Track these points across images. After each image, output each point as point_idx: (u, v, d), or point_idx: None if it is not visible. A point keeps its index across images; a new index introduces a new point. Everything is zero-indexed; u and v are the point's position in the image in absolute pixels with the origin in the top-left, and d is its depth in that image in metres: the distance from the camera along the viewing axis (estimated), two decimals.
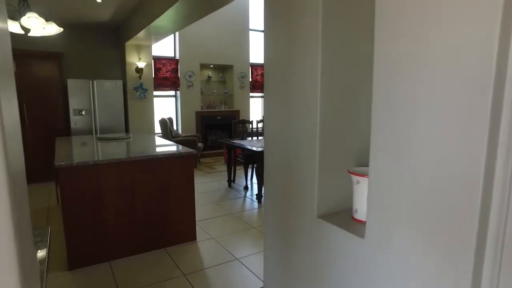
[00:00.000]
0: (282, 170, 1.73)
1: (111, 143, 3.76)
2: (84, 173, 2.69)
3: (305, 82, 1.51)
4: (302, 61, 1.52)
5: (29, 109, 5.37)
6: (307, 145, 1.54)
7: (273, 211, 1.83)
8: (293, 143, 1.64)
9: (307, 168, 1.55)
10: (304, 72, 1.52)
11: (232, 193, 4.90)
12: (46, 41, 5.86)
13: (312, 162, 1.52)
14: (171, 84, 7.22)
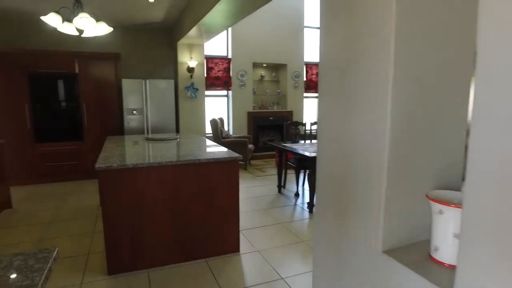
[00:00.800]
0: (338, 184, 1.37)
1: (158, 144, 3.64)
2: (124, 177, 2.54)
3: (371, 80, 1.14)
4: (368, 56, 1.15)
5: (87, 109, 5.55)
6: (371, 157, 1.16)
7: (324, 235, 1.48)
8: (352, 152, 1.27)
9: (371, 186, 1.18)
10: (370, 69, 1.15)
11: (281, 200, 4.57)
12: (104, 43, 6.05)
13: (377, 178, 1.14)
14: (223, 83, 7.09)
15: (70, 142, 5.53)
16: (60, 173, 5.54)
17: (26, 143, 5.32)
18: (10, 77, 5.13)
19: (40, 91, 5.29)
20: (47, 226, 3.68)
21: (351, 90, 1.25)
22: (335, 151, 1.37)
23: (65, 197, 4.77)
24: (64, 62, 5.33)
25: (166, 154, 2.98)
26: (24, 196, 4.82)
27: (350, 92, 1.25)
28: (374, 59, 1.12)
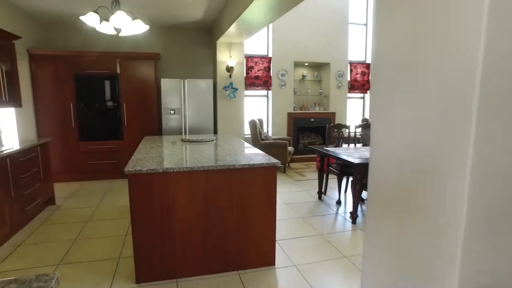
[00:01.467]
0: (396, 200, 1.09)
1: (193, 146, 3.50)
2: (153, 181, 2.41)
3: (451, 76, 0.86)
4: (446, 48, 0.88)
5: (128, 108, 5.60)
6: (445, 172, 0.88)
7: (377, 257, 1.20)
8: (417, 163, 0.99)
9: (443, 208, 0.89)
10: (449, 64, 0.87)
11: (322, 208, 4.25)
12: (144, 43, 6.09)
13: (453, 200, 0.86)
14: (263, 83, 6.89)
15: (111, 141, 5.61)
16: (101, 171, 5.65)
17: (71, 141, 5.48)
18: (58, 78, 5.30)
19: (84, 91, 5.41)
20: (84, 225, 3.68)
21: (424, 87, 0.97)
22: (393, 161, 1.10)
23: (105, 195, 4.82)
24: (106, 63, 5.42)
25: (199, 157, 2.81)
26: (67, 193, 4.94)
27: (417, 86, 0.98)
28: (455, 52, 0.84)
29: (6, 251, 3.14)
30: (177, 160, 2.71)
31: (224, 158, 2.78)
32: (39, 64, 5.23)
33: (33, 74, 5.24)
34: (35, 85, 5.26)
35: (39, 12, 5.09)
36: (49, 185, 4.31)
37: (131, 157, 2.78)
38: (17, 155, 3.47)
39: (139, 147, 3.38)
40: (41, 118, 5.35)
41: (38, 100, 5.30)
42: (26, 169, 3.67)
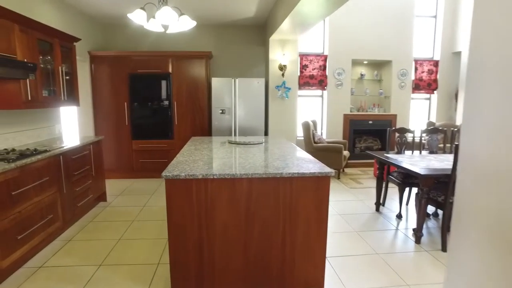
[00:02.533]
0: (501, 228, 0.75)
1: (240, 149, 3.29)
2: (192, 188, 2.22)
3: None
4: None
5: (178, 108, 5.60)
6: None
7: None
8: None
9: None
10: None
11: (380, 221, 3.80)
12: (195, 42, 6.06)
13: None
14: (317, 83, 6.51)
15: (161, 140, 5.65)
16: (152, 170, 5.71)
17: (124, 139, 5.61)
18: (114, 78, 5.46)
19: (138, 90, 5.51)
20: (130, 225, 3.67)
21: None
22: (499, 170, 0.77)
23: (153, 195, 4.83)
24: (159, 63, 5.46)
25: (244, 163, 2.58)
26: (118, 190, 5.05)
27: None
28: None
29: (58, 245, 3.20)
30: (220, 164, 2.51)
31: (272, 164, 2.52)
32: (98, 65, 5.42)
33: (93, 75, 5.45)
34: (94, 85, 5.47)
35: (99, 14, 5.27)
36: (101, 182, 4.40)
37: (172, 160, 2.64)
38: (70, 153, 3.54)
39: (183, 149, 3.25)
40: (99, 116, 5.55)
41: (96, 99, 5.51)
42: (79, 167, 3.74)
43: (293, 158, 2.77)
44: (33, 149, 3.14)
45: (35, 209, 2.92)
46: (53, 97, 3.70)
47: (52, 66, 3.73)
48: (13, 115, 3.51)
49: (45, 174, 3.07)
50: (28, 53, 3.27)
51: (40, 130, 3.98)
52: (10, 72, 2.82)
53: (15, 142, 3.54)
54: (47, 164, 3.11)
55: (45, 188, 3.07)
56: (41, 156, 2.97)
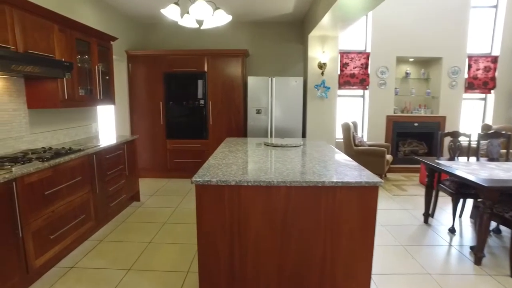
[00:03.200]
0: None
1: (277, 152, 3.08)
2: (224, 195, 2.04)
3: None
4: None
5: (213, 107, 5.48)
6: None
7: None
8: None
9: None
10: None
11: (429, 235, 3.43)
12: (231, 40, 5.91)
13: None
14: (359, 82, 6.13)
15: (196, 140, 5.57)
16: (185, 170, 5.65)
17: (159, 138, 5.59)
18: (150, 77, 5.45)
19: (173, 89, 5.46)
20: (161, 227, 3.58)
21: None
22: None
23: (186, 196, 4.74)
24: (194, 61, 5.37)
25: (281, 168, 2.37)
26: (152, 190, 5.02)
27: None
28: None
29: (90, 245, 3.16)
30: (255, 169, 2.31)
31: (312, 170, 2.28)
32: (135, 64, 5.44)
33: (130, 74, 5.47)
34: (131, 84, 5.49)
35: (136, 13, 5.28)
36: (134, 182, 4.37)
37: (204, 163, 2.48)
38: (104, 152, 3.51)
39: (217, 151, 3.09)
40: (135, 115, 5.57)
41: (132, 98, 5.53)
42: (112, 166, 3.71)
43: (334, 164, 2.51)
44: (68, 148, 3.12)
45: (68, 209, 2.89)
46: (89, 96, 3.69)
47: (89, 65, 3.72)
48: (52, 114, 3.53)
49: (78, 173, 3.03)
50: (66, 53, 3.26)
51: (77, 129, 4.00)
52: (47, 71, 2.80)
53: (53, 141, 3.57)
54: (81, 164, 3.07)
55: (78, 187, 3.03)
56: (75, 155, 2.94)
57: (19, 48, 2.68)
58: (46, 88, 3.13)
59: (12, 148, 3.02)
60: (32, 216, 2.45)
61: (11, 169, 2.30)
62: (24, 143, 3.16)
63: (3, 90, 2.92)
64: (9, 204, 2.24)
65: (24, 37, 2.73)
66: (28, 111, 3.20)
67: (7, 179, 2.18)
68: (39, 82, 3.13)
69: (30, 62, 2.60)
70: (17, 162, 2.48)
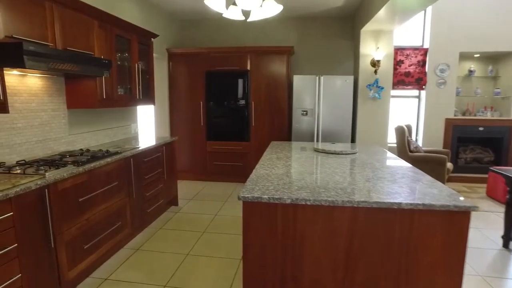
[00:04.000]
0: None
1: (329, 161, 2.71)
2: (277, 214, 1.71)
3: None
4: None
5: (256, 108, 5.18)
6: None
7: None
8: None
9: None
10: None
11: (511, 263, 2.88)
12: (276, 36, 5.58)
13: None
14: (414, 81, 5.56)
15: (237, 142, 5.30)
16: (226, 173, 5.40)
17: (199, 140, 5.38)
18: (190, 76, 5.26)
19: (214, 88, 5.23)
20: (200, 237, 3.32)
21: None
22: None
23: (227, 201, 4.48)
24: (237, 59, 5.10)
25: (341, 181, 2.00)
26: (190, 194, 4.81)
27: None
28: None
29: (125, 254, 2.97)
30: (312, 183, 1.95)
31: (379, 186, 1.89)
32: (176, 62, 5.27)
33: (170, 73, 5.32)
34: (171, 84, 5.34)
35: (177, 10, 5.10)
36: (173, 186, 4.17)
37: (251, 174, 2.16)
38: (142, 155, 3.31)
39: (264, 157, 2.77)
40: (175, 116, 5.40)
41: (173, 98, 5.37)
42: (150, 170, 3.51)
43: (404, 177, 2.09)
44: (105, 151, 2.95)
45: (103, 216, 2.70)
46: (128, 95, 3.52)
47: (128, 63, 3.56)
48: (90, 114, 3.40)
49: (114, 178, 2.84)
50: (105, 50, 3.10)
51: (116, 129, 3.87)
52: (86, 70, 2.63)
53: (92, 141, 3.44)
54: (117, 167, 2.89)
55: (114, 193, 2.84)
56: (111, 159, 2.75)
57: (58, 45, 2.52)
58: (84, 87, 2.98)
59: (51, 149, 2.90)
60: (65, 225, 2.27)
61: (44, 174, 2.13)
62: (63, 145, 3.03)
63: (43, 90, 2.80)
64: (42, 212, 2.06)
65: (63, 34, 2.57)
66: (68, 111, 3.07)
67: (39, 185, 2.00)
68: (78, 81, 2.99)
69: (69, 60, 2.43)
70: (53, 165, 2.31)
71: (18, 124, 2.57)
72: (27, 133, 2.66)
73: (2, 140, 2.43)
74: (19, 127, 2.58)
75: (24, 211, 1.93)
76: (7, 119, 2.47)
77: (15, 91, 2.53)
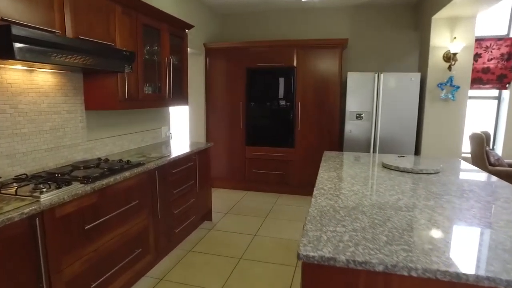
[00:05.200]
0: None
1: (409, 182, 2.01)
2: (358, 284, 1.07)
3: None
4: None
5: (302, 110, 4.53)
6: None
7: None
8: None
9: None
10: None
11: None
12: (327, 27, 4.88)
13: None
14: (495, 79, 4.62)
15: (279, 148, 4.67)
16: (266, 182, 4.81)
17: (237, 144, 4.83)
18: (229, 73, 4.71)
19: (255, 87, 4.65)
20: (237, 265, 2.75)
21: None
22: None
23: (268, 217, 3.88)
24: (282, 54, 4.47)
25: (446, 226, 1.31)
26: (226, 205, 4.26)
27: None
28: None
29: (146, 284, 2.47)
30: (402, 228, 1.29)
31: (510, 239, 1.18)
32: (214, 59, 4.75)
33: (207, 70, 4.81)
34: (208, 82, 4.83)
35: (219, 4, 4.57)
36: (206, 199, 3.64)
37: (311, 208, 1.53)
38: (169, 166, 2.80)
39: (321, 176, 2.12)
40: (211, 118, 4.89)
41: (209, 98, 4.86)
42: (180, 183, 2.99)
43: None
44: (126, 161, 2.46)
45: (118, 244, 2.20)
46: (157, 95, 3.03)
47: (158, 57, 3.07)
48: (114, 116, 2.95)
49: (135, 195, 2.34)
50: (129, 41, 2.61)
51: (144, 133, 3.40)
52: (102, 63, 2.15)
53: (116, 148, 2.98)
54: (138, 183, 2.38)
55: (133, 214, 2.34)
56: (129, 173, 2.24)
57: (67, 32, 2.05)
58: (104, 85, 2.51)
59: (64, 158, 2.45)
60: (65, 260, 1.78)
61: (39, 197, 1.64)
62: (80, 152, 2.59)
63: (56, 88, 2.36)
64: (31, 249, 1.57)
65: (75, 19, 2.10)
66: (85, 113, 2.62)
67: (26, 215, 1.51)
68: (99, 78, 2.52)
69: (80, 51, 1.95)
70: (58, 182, 1.84)
71: (23, 129, 2.14)
72: (35, 140, 2.22)
73: (2, 148, 2.00)
74: (24, 132, 2.14)
75: (4, 249, 1.45)
76: (8, 124, 2.03)
77: (20, 89, 2.10)
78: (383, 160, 2.53)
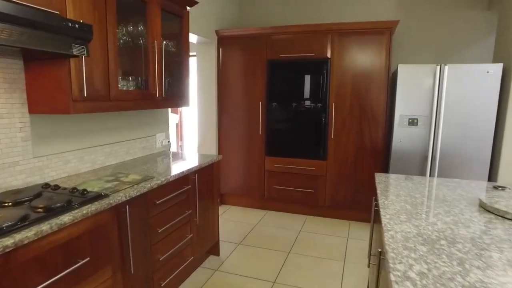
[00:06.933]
0: None
1: None
2: None
3: None
4: None
5: (337, 112, 3.59)
6: None
7: None
8: None
9: None
10: None
11: None
12: (369, 8, 3.91)
13: None
14: None
15: (307, 160, 3.75)
16: (290, 201, 3.90)
17: (255, 154, 3.94)
18: (246, 66, 3.84)
19: (278, 84, 3.75)
20: None
21: None
22: None
23: (292, 249, 2.98)
24: (311, 43, 3.55)
25: None
26: (240, 232, 3.40)
27: None
28: None
29: None
30: None
31: None
32: (227, 49, 3.89)
33: (220, 63, 3.96)
34: (220, 78, 3.98)
35: None
36: (211, 230, 2.79)
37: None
38: (152, 196, 1.95)
39: (390, 230, 1.20)
40: (224, 120, 4.04)
41: (221, 97, 4.01)
42: (169, 217, 2.14)
43: None
44: (81, 191, 1.63)
45: None
46: (141, 92, 2.20)
47: (144, 41, 2.24)
48: (80, 121, 2.14)
49: (85, 249, 1.51)
50: (91, 13, 1.78)
51: (130, 143, 2.59)
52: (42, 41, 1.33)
53: (83, 165, 2.18)
54: (92, 229, 1.54)
55: (84, 278, 1.51)
56: (73, 216, 1.40)
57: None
58: (50, 76, 1.70)
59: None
60: None
61: None
62: (20, 175, 1.79)
63: None
64: None
65: None
66: (30, 117, 1.82)
67: None
68: (43, 66, 1.71)
69: (4, 19, 1.13)
70: None
71: None
72: None
73: None
74: None
75: None
76: None
77: None
78: (480, 198, 1.57)
